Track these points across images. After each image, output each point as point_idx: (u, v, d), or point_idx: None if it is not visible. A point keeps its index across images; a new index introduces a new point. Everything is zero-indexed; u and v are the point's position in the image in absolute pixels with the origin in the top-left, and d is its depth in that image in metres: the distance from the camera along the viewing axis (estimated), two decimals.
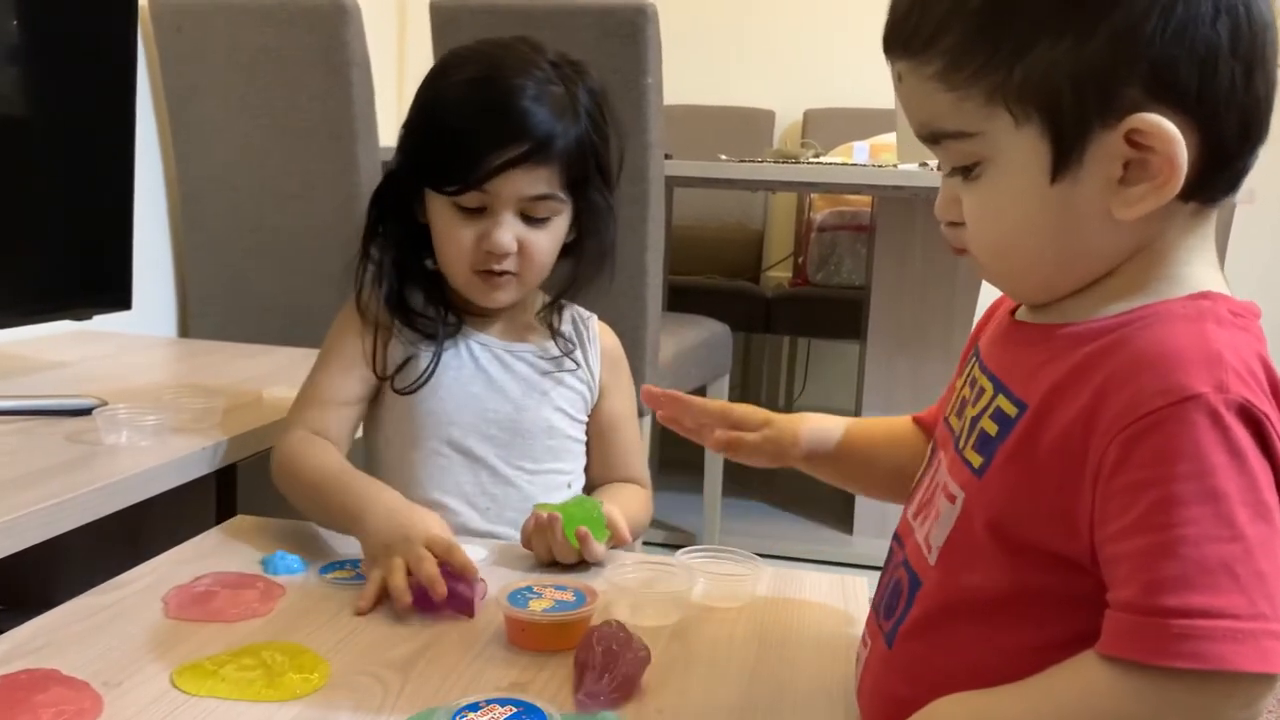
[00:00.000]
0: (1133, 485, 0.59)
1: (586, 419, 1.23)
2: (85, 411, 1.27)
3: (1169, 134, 0.61)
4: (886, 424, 0.97)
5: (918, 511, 0.77)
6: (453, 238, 1.12)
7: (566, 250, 1.17)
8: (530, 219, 1.11)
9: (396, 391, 1.16)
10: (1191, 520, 0.57)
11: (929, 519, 0.74)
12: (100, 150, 1.53)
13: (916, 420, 0.94)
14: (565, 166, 1.10)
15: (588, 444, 1.24)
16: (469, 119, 1.09)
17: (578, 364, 1.22)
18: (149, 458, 1.16)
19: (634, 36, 1.90)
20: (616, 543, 1.06)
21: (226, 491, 1.34)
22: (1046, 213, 0.66)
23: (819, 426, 0.97)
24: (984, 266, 0.72)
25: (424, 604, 0.92)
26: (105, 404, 1.28)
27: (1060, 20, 0.62)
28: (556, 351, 1.21)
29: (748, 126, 3.61)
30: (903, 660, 0.72)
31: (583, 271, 1.18)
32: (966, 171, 0.68)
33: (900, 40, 0.68)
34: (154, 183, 2.17)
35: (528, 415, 1.17)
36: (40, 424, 1.27)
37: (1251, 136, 0.64)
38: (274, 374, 1.62)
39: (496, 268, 1.11)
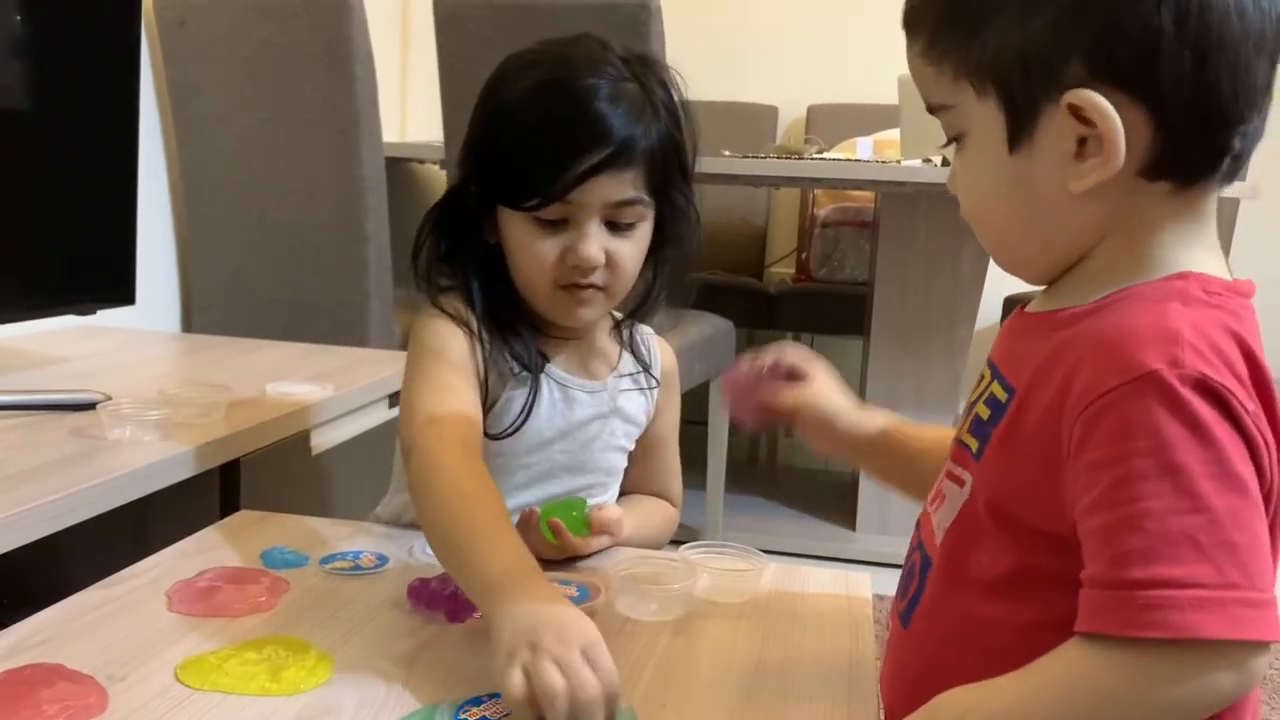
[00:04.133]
0: (1095, 464, 0.61)
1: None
2: (89, 406, 1.28)
3: (1103, 109, 0.64)
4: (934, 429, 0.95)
5: (933, 499, 0.78)
6: (533, 254, 1.03)
7: (644, 264, 1.09)
8: (615, 227, 1.03)
9: (489, 436, 1.06)
10: (1152, 494, 0.59)
11: (940, 504, 0.76)
12: (104, 145, 1.53)
13: None
14: (649, 168, 1.03)
15: (630, 461, 1.20)
16: (543, 127, 1.00)
17: (654, 382, 1.17)
18: (152, 452, 1.16)
19: (637, 32, 1.90)
20: (599, 532, 1.04)
21: (230, 486, 1.34)
22: (1006, 183, 0.70)
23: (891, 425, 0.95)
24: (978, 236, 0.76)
25: (437, 603, 0.92)
26: (109, 399, 1.28)
27: (1011, 0, 0.66)
28: (626, 374, 1.16)
29: (751, 122, 3.61)
30: (917, 639, 0.74)
31: (660, 284, 1.11)
32: (956, 144, 0.73)
33: (906, 19, 0.73)
34: (157, 178, 2.17)
35: (593, 457, 1.14)
36: (44, 419, 1.27)
37: (1212, 121, 0.65)
38: (277, 369, 1.62)
39: (583, 280, 1.03)
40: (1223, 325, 0.63)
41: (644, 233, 1.06)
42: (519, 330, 1.09)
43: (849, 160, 2.52)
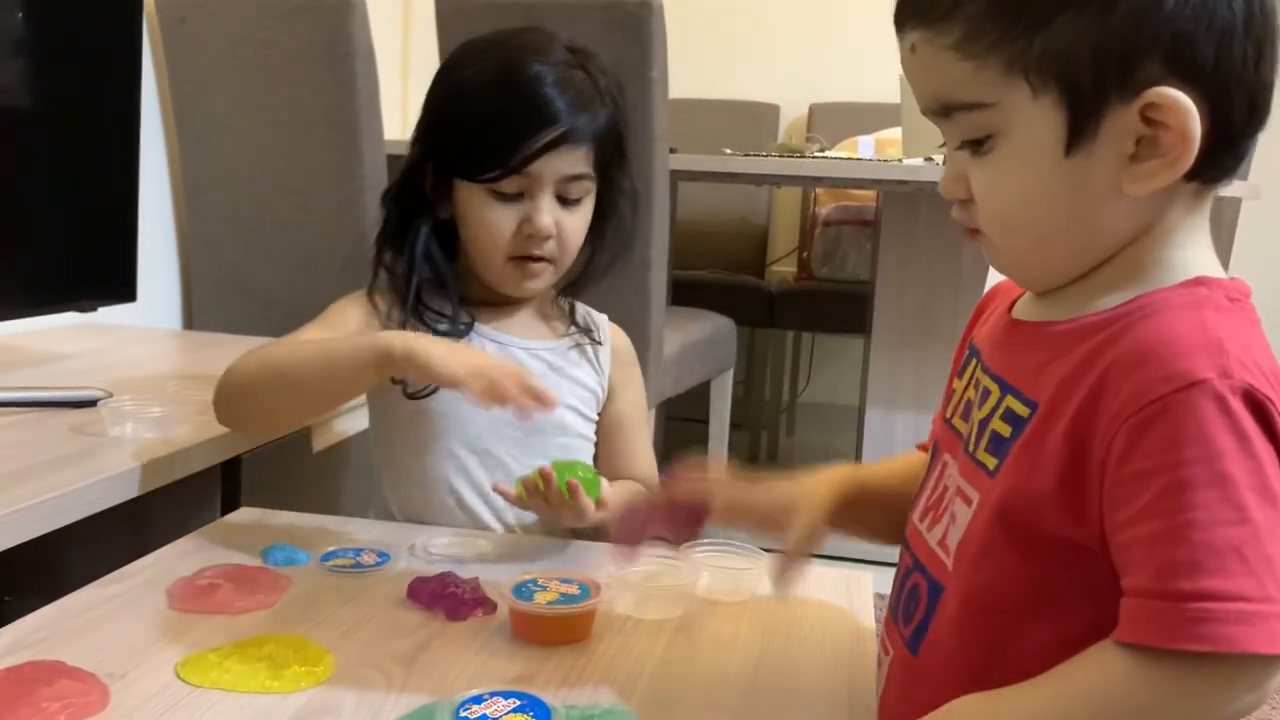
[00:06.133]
0: (1141, 473, 0.60)
1: (597, 417, 1.22)
2: (90, 403, 1.28)
3: (1185, 107, 0.62)
4: (901, 464, 0.90)
5: (924, 515, 0.76)
6: (490, 225, 1.12)
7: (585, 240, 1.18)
8: (565, 201, 1.13)
9: (409, 396, 1.14)
10: (1200, 504, 0.58)
11: (940, 522, 0.74)
12: (105, 142, 1.53)
13: (922, 448, 0.89)
14: (597, 147, 1.13)
15: (596, 444, 1.23)
16: (501, 107, 1.10)
17: (599, 341, 1.22)
18: (154, 449, 1.16)
19: (638, 30, 1.90)
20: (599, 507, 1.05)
21: (230, 484, 1.34)
22: (1058, 186, 0.66)
23: (851, 487, 0.88)
24: (994, 245, 0.71)
25: (437, 603, 0.92)
26: (110, 396, 1.28)
27: None
28: (571, 340, 1.21)
29: (752, 121, 3.61)
30: (930, 666, 0.72)
31: (600, 258, 1.20)
32: (977, 145, 0.68)
33: (918, 9, 0.68)
34: (158, 175, 2.17)
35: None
36: (45, 416, 1.27)
37: (1257, 117, 0.65)
38: None
39: (535, 252, 1.13)
40: (1251, 334, 0.63)
41: (588, 208, 1.17)
42: (451, 298, 1.16)
43: (850, 159, 2.52)
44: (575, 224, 1.15)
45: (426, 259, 1.16)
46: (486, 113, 1.11)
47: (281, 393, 1.09)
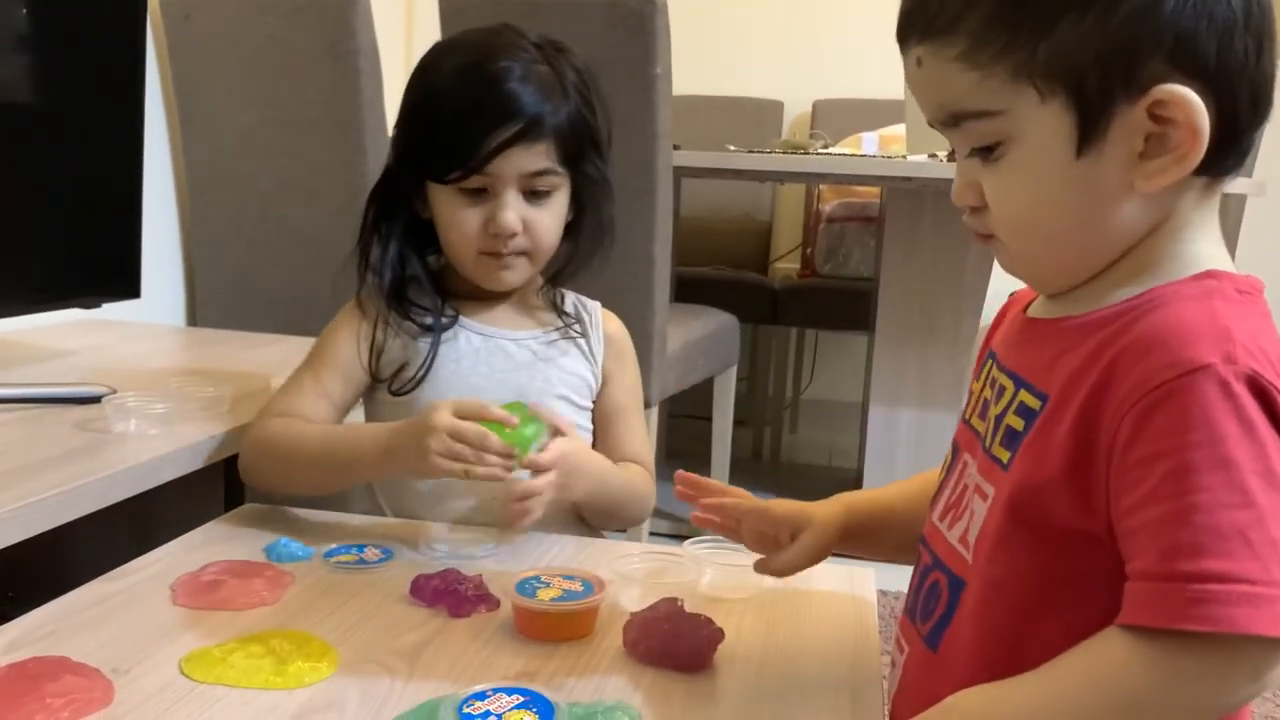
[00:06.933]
0: (1146, 458, 0.60)
1: (592, 405, 1.23)
2: (94, 399, 1.28)
3: (1193, 103, 0.62)
4: (916, 484, 0.91)
5: (944, 513, 0.77)
6: (458, 224, 1.13)
7: (566, 232, 1.18)
8: (532, 196, 1.13)
9: (393, 393, 1.16)
10: (1204, 488, 0.58)
11: (960, 520, 0.74)
12: (109, 139, 1.53)
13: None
14: (560, 141, 1.12)
15: (594, 432, 1.23)
16: (462, 105, 1.10)
17: (583, 333, 1.22)
18: (157, 446, 1.16)
19: (642, 27, 1.89)
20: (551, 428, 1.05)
21: (234, 480, 1.34)
22: (1071, 188, 0.66)
23: (861, 508, 0.91)
24: (1007, 250, 0.72)
25: (440, 600, 0.92)
26: (114, 392, 1.28)
27: None
28: (558, 330, 1.22)
29: (756, 117, 3.61)
30: (951, 659, 0.72)
31: (582, 249, 1.20)
32: (987, 152, 0.69)
33: (920, 24, 0.69)
34: (162, 172, 2.17)
35: (530, 402, 1.17)
36: (49, 412, 1.27)
37: (1260, 109, 0.66)
38: (281, 363, 1.62)
39: (504, 248, 1.13)
40: (1262, 326, 0.63)
41: (560, 202, 1.16)
42: (434, 294, 1.18)
43: (854, 155, 2.52)
44: (545, 219, 1.14)
45: (401, 258, 1.17)
46: (447, 113, 1.11)
47: (294, 481, 1.13)
